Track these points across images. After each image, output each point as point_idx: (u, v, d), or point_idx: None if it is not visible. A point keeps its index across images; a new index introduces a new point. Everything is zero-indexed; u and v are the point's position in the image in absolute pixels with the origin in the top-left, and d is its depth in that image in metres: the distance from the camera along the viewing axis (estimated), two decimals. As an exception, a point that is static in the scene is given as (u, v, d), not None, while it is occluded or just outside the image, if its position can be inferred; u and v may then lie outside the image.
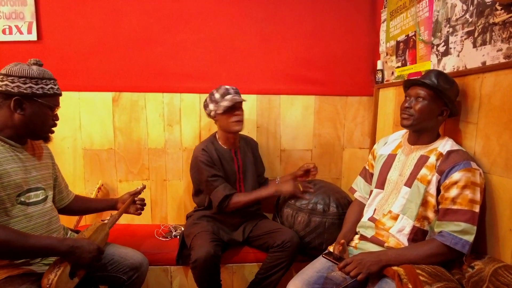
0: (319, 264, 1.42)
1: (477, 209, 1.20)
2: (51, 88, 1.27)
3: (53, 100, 1.29)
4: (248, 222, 1.94)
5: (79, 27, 2.08)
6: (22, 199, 1.23)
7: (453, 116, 1.40)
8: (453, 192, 1.22)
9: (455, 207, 1.22)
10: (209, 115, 1.87)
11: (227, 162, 1.88)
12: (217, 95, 1.81)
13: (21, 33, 2.04)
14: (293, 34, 2.22)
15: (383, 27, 2.17)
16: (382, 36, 2.18)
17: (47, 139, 1.34)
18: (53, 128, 1.34)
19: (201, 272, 1.59)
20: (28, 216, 1.24)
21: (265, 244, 1.80)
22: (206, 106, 1.87)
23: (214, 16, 2.16)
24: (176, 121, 2.22)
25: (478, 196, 1.21)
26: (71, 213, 1.61)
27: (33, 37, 2.04)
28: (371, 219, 1.48)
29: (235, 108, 1.80)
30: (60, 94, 1.33)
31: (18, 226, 1.20)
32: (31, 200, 1.26)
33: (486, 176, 1.30)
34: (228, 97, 1.79)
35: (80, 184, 2.20)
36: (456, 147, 1.34)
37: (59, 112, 1.35)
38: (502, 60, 1.22)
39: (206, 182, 1.79)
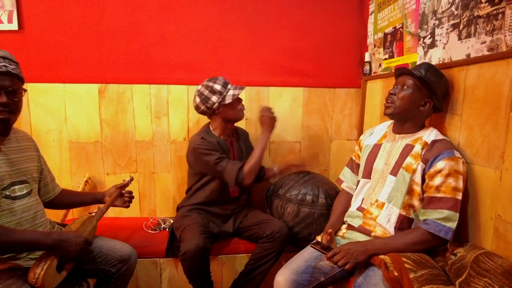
0: (307, 254, 1.44)
1: (459, 196, 1.24)
2: None
3: None
4: (238, 214, 1.95)
5: (62, 16, 2.02)
6: (7, 193, 1.20)
7: (437, 111, 1.42)
8: (437, 180, 1.25)
9: (439, 195, 1.25)
10: (209, 108, 1.81)
11: (224, 152, 1.87)
12: (218, 86, 1.79)
13: (1, 22, 1.97)
14: (281, 26, 2.21)
15: (371, 19, 2.18)
16: (370, 28, 2.19)
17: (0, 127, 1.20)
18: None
19: (191, 264, 1.60)
20: (13, 211, 1.22)
21: (254, 235, 1.81)
22: (206, 100, 1.79)
23: (202, 6, 2.13)
24: (164, 113, 2.20)
25: (461, 184, 1.24)
26: (58, 207, 1.59)
27: (14, 26, 1.98)
28: (359, 208, 1.50)
29: (238, 96, 1.84)
30: (5, 73, 1.16)
31: (2, 221, 1.18)
32: (16, 194, 1.24)
33: (469, 166, 1.33)
34: (231, 86, 1.82)
35: (67, 177, 2.17)
36: (440, 136, 1.37)
37: (43, 103, 1.30)
38: (486, 53, 1.25)
39: (213, 166, 1.76)
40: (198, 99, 1.83)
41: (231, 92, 1.79)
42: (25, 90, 1.26)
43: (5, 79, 1.17)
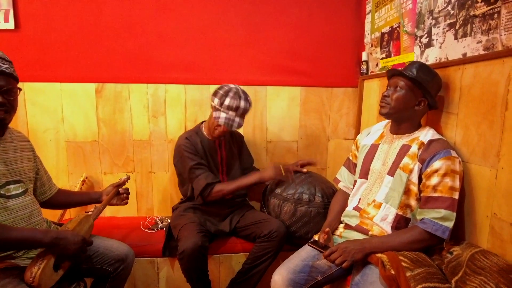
0: (305, 253, 1.45)
1: (456, 196, 1.25)
2: None
3: None
4: (235, 213, 1.95)
5: (59, 15, 2.01)
6: (2, 192, 1.20)
7: (432, 108, 1.43)
8: (434, 180, 1.26)
9: (436, 194, 1.26)
10: (211, 101, 1.80)
11: (210, 153, 1.88)
12: (226, 102, 1.72)
13: (-3, 21, 1.96)
14: (279, 25, 2.22)
15: (368, 18, 2.18)
16: (367, 27, 2.20)
17: None
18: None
19: (189, 263, 1.60)
20: (8, 209, 1.21)
21: (252, 234, 1.81)
22: (215, 94, 1.77)
23: (199, 6, 2.12)
24: (161, 113, 2.20)
25: (457, 184, 1.25)
26: (55, 206, 1.58)
27: (11, 25, 1.96)
28: (356, 208, 1.51)
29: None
30: (1, 73, 1.16)
31: (-2, 219, 1.18)
32: (11, 193, 1.23)
33: (465, 165, 1.34)
34: (229, 114, 1.73)
35: (64, 177, 2.16)
36: (437, 136, 1.37)
37: (40, 102, 1.29)
38: (482, 52, 1.25)
39: (188, 170, 1.79)
40: (216, 89, 1.81)
41: (222, 115, 1.73)
42: (20, 89, 1.26)
43: (2, 79, 1.17)
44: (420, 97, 1.38)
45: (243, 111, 1.77)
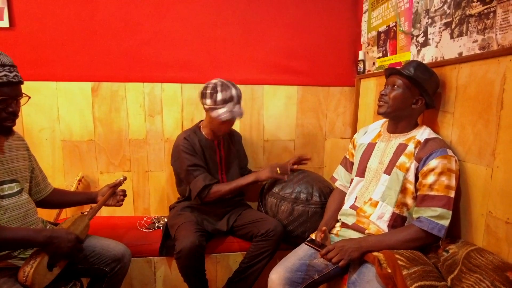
0: (302, 252, 1.45)
1: (452, 194, 1.25)
2: (5, 75, 1.13)
3: (7, 89, 1.14)
4: (232, 212, 1.95)
5: (55, 13, 2.00)
6: (-4, 192, 1.19)
7: (430, 107, 1.44)
8: (430, 178, 1.27)
9: (432, 193, 1.26)
10: (203, 105, 1.80)
11: (209, 153, 1.87)
12: (219, 97, 1.71)
13: (-9, 19, 1.94)
14: (275, 24, 2.21)
15: (364, 17, 2.19)
16: (364, 26, 2.20)
17: (5, 133, 1.22)
18: (24, 120, 1.27)
19: (186, 262, 1.59)
20: (2, 209, 1.20)
21: (249, 234, 1.81)
22: (203, 96, 1.76)
23: (196, 4, 2.12)
24: (158, 112, 2.19)
25: (453, 182, 1.26)
26: (50, 206, 1.57)
27: (5, 23, 1.95)
28: (353, 206, 1.51)
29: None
30: (18, 83, 1.19)
31: (-8, 219, 1.17)
32: (5, 193, 1.23)
33: (461, 164, 1.35)
34: (231, 105, 1.72)
35: (60, 176, 2.15)
36: (433, 135, 1.38)
37: (35, 101, 1.29)
38: (477, 51, 1.26)
39: (186, 171, 1.78)
40: (201, 90, 1.79)
41: (221, 111, 1.71)
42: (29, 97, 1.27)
43: (17, 89, 1.19)
44: (417, 95, 1.39)
45: (238, 98, 1.77)
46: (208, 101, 1.75)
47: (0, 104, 1.14)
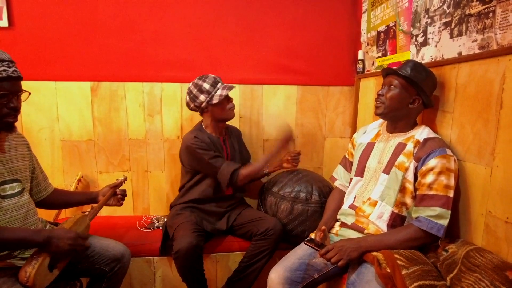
0: (301, 251, 1.45)
1: (451, 194, 1.25)
2: (4, 70, 1.12)
3: (7, 84, 1.14)
4: (232, 211, 1.95)
5: (54, 13, 1.99)
6: (-2, 192, 1.19)
7: (428, 106, 1.44)
8: (429, 178, 1.27)
9: (431, 192, 1.26)
10: (198, 107, 1.83)
11: (217, 150, 1.87)
12: (206, 85, 1.79)
13: (-9, 18, 1.94)
14: (275, 24, 2.21)
15: (364, 17, 2.19)
16: (363, 26, 2.20)
17: (7, 129, 1.22)
18: (25, 117, 1.27)
19: (184, 262, 1.59)
20: (2, 210, 1.20)
21: (248, 233, 1.81)
22: (194, 98, 1.81)
23: (196, 4, 2.11)
24: (157, 111, 2.19)
25: (452, 182, 1.26)
26: (50, 206, 1.57)
27: (4, 23, 1.94)
28: (352, 206, 1.51)
29: (228, 96, 1.82)
30: (17, 78, 1.18)
31: (-8, 219, 1.17)
32: (6, 193, 1.22)
33: (460, 163, 1.35)
34: (221, 85, 1.81)
35: (59, 176, 2.15)
36: (432, 134, 1.38)
37: (35, 101, 1.28)
38: (477, 51, 1.26)
39: (207, 165, 1.78)
40: (187, 97, 1.86)
41: (219, 92, 1.79)
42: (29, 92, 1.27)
43: (17, 84, 1.19)
44: (414, 95, 1.39)
45: (217, 78, 1.84)
46: (202, 97, 1.79)
47: (1, 99, 1.14)
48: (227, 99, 1.84)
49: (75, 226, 1.34)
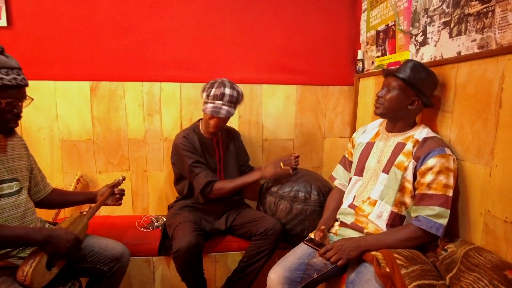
0: (301, 251, 1.45)
1: (450, 193, 1.25)
2: (14, 78, 1.14)
3: (14, 92, 1.16)
4: (231, 211, 1.95)
5: (53, 13, 1.99)
6: (-6, 190, 1.19)
7: (428, 107, 1.43)
8: (429, 177, 1.27)
9: (430, 192, 1.26)
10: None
11: (208, 151, 1.88)
12: (212, 92, 1.75)
13: (-11, 18, 1.94)
14: (274, 23, 2.21)
15: (363, 16, 2.18)
16: (363, 25, 2.20)
17: (7, 133, 1.23)
18: (26, 120, 1.28)
19: (183, 262, 1.59)
20: (0, 208, 1.20)
21: (248, 233, 1.81)
22: (202, 90, 1.83)
23: (195, 3, 2.11)
24: (156, 111, 2.19)
25: (451, 181, 1.26)
26: (49, 206, 1.57)
27: (3, 22, 1.94)
28: (351, 205, 1.51)
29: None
30: (25, 85, 1.20)
31: (-11, 218, 1.17)
32: (4, 192, 1.22)
33: (459, 163, 1.35)
34: (219, 102, 1.75)
35: (58, 176, 2.15)
36: (431, 134, 1.38)
37: (34, 101, 1.29)
38: (476, 50, 1.26)
39: (188, 168, 1.79)
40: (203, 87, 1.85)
41: (209, 105, 1.75)
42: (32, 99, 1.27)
43: (23, 91, 1.21)
44: (413, 96, 1.38)
45: (229, 98, 1.75)
46: (204, 95, 1.80)
47: (8, 106, 1.16)
48: (215, 117, 1.78)
49: (73, 226, 1.34)
